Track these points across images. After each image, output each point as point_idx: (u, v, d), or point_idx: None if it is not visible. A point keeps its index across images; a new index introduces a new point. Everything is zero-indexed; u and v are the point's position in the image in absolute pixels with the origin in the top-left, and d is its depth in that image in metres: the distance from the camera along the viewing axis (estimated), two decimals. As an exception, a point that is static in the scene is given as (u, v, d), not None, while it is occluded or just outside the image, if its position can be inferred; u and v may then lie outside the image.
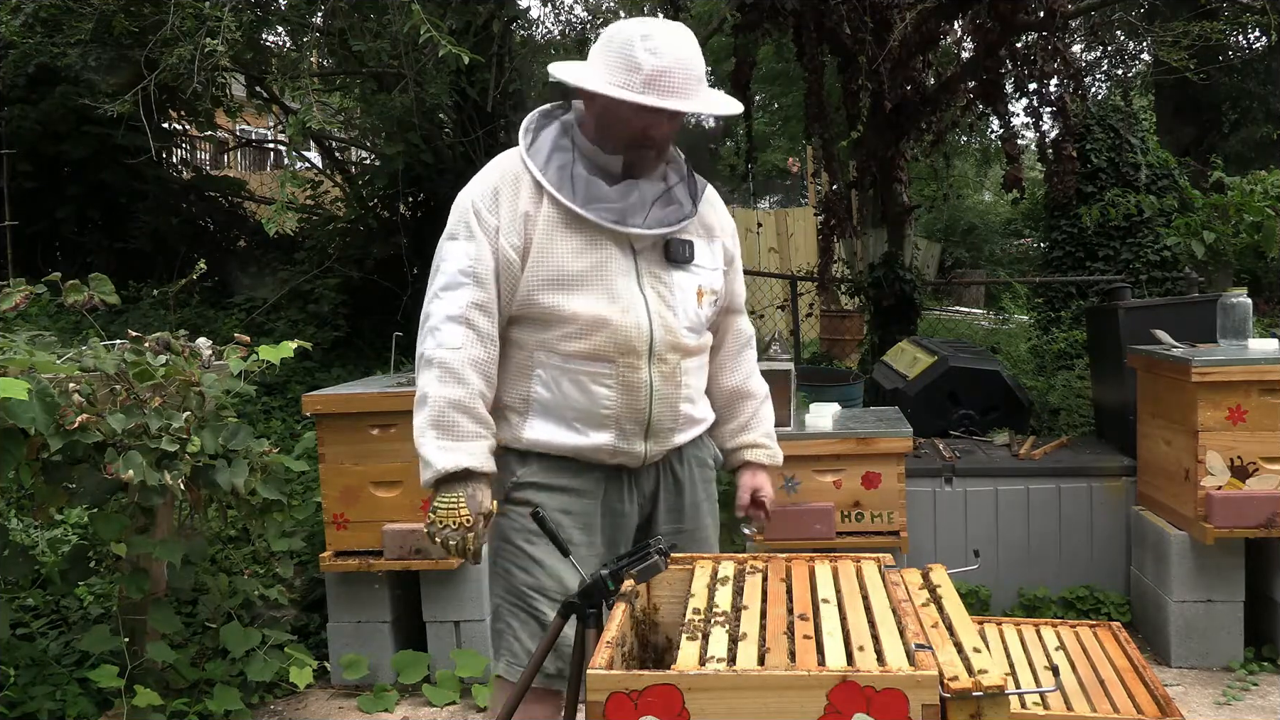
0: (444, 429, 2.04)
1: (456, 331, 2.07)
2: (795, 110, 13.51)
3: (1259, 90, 12.64)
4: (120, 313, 6.42)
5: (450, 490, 2.04)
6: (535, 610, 2.13)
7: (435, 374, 2.06)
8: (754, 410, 2.38)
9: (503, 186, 2.12)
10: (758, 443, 2.38)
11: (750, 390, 2.38)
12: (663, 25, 2.07)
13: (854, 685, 1.41)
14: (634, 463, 2.18)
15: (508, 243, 2.08)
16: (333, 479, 3.64)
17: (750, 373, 2.40)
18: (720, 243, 2.28)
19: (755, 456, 2.37)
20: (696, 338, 2.21)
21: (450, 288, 2.09)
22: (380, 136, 6.85)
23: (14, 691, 3.28)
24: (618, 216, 2.09)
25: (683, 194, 2.19)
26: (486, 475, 2.07)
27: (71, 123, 7.64)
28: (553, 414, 2.13)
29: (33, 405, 2.77)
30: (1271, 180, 6.19)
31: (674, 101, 2.02)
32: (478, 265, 2.08)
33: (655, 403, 2.13)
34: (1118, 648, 2.87)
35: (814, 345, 9.33)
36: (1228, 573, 3.69)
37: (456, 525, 2.02)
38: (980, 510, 4.17)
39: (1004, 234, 17.94)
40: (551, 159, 2.13)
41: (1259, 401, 3.58)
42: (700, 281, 2.20)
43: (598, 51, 2.11)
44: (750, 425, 2.38)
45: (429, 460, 2.04)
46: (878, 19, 5.88)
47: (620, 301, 2.10)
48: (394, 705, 3.61)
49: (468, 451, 2.03)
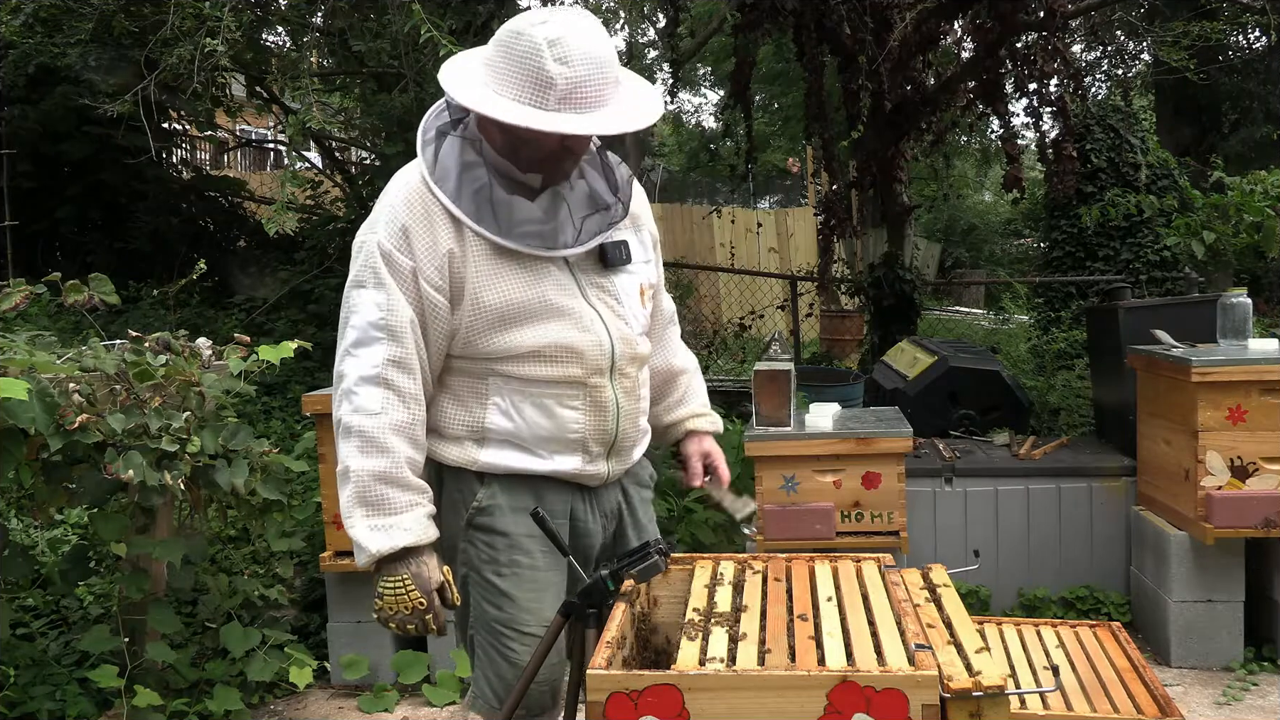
0: (373, 506, 1.86)
1: (374, 395, 1.87)
2: (795, 110, 13.50)
3: (1259, 90, 12.63)
4: (120, 313, 6.42)
5: (393, 573, 1.87)
6: (505, 649, 2.00)
7: (355, 445, 1.88)
8: (686, 384, 2.28)
9: (412, 223, 1.89)
10: (696, 412, 2.27)
11: (680, 366, 2.28)
12: (568, 23, 1.84)
13: (854, 685, 1.41)
14: (595, 483, 2.06)
15: (430, 286, 1.88)
16: (333, 479, 3.61)
17: (675, 348, 2.29)
18: (646, 230, 2.13)
19: (697, 425, 2.26)
20: (647, 343, 2.11)
21: (362, 344, 1.89)
22: (380, 136, 6.85)
23: (14, 691, 3.28)
24: (548, 240, 1.93)
25: (605, 192, 2.02)
26: (429, 545, 1.90)
27: (71, 123, 7.65)
28: (512, 442, 1.98)
29: (33, 405, 2.77)
30: (1271, 180, 6.18)
31: (594, 119, 1.84)
32: (390, 317, 1.87)
33: (621, 420, 2.02)
34: (1118, 648, 2.87)
35: (814, 345, 9.34)
36: (1228, 573, 3.69)
37: (410, 610, 1.86)
38: (980, 510, 4.17)
39: (1004, 234, 17.96)
40: (463, 184, 1.90)
41: (1259, 401, 3.58)
42: (640, 280, 2.07)
43: (497, 58, 1.86)
44: (686, 399, 2.28)
45: (361, 544, 1.86)
46: (878, 19, 5.89)
47: (575, 322, 1.95)
48: (394, 705, 3.62)
49: (403, 528, 1.86)
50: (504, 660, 2.01)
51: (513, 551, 2.00)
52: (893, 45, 5.86)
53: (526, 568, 2.01)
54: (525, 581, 2.00)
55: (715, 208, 11.71)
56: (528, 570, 2.01)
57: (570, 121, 1.82)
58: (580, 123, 1.83)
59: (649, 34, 8.47)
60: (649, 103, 1.93)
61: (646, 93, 1.96)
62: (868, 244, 7.04)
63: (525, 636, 2.00)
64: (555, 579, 2.04)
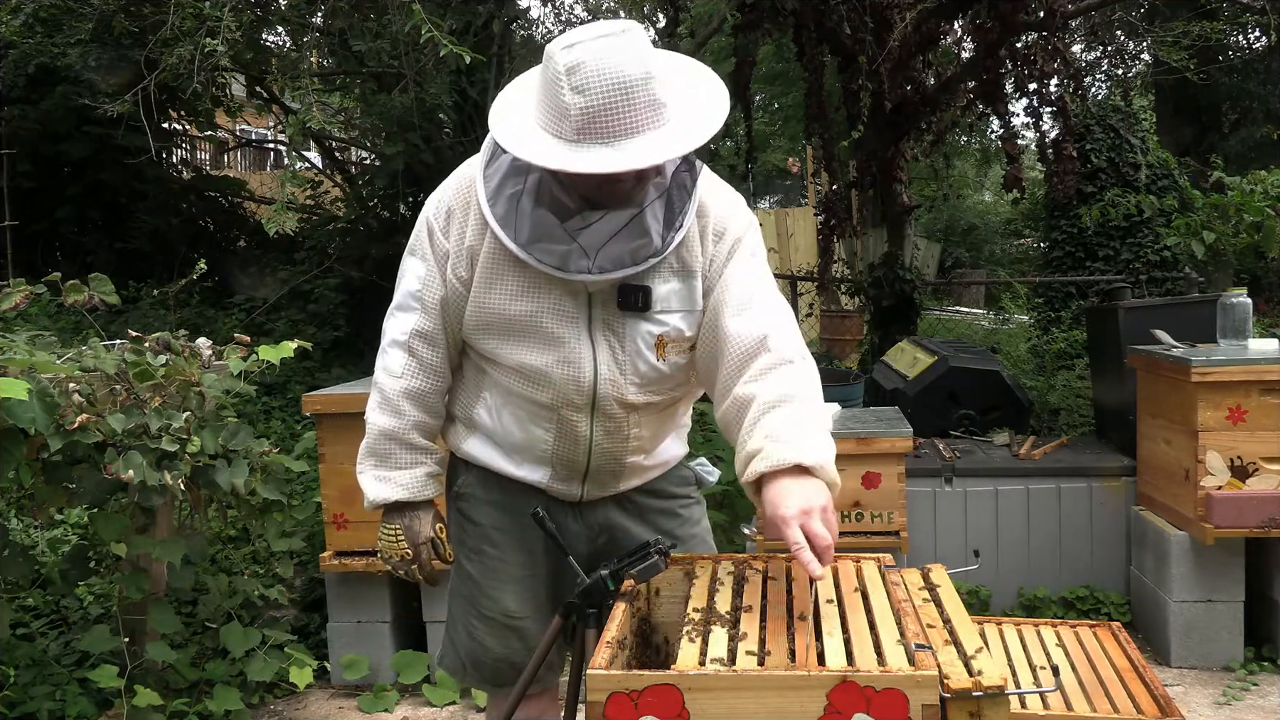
0: (380, 457, 2.01)
1: (398, 359, 1.99)
2: (795, 110, 13.51)
3: (1259, 90, 12.64)
4: (120, 313, 6.43)
5: (390, 520, 2.03)
6: (469, 624, 2.10)
7: (376, 400, 2.02)
8: (753, 416, 1.74)
9: (456, 209, 1.91)
10: (757, 449, 1.69)
11: (748, 395, 1.77)
12: (592, 45, 1.67)
13: (854, 685, 1.41)
14: (568, 499, 2.02)
15: (454, 274, 1.91)
16: (333, 479, 3.64)
17: (751, 379, 1.80)
18: (699, 278, 1.86)
19: (756, 467, 1.68)
20: (650, 393, 1.93)
21: (402, 309, 1.98)
22: (380, 136, 6.86)
23: (14, 691, 3.28)
24: (560, 261, 1.80)
25: (654, 223, 1.81)
26: (425, 503, 2.03)
27: (71, 123, 7.65)
28: (490, 440, 2.02)
29: (33, 405, 2.77)
30: (1271, 180, 6.18)
31: (608, 155, 1.66)
32: (425, 290, 1.94)
33: (595, 454, 1.96)
34: (1118, 648, 2.87)
35: (814, 345, 9.34)
36: (1228, 573, 3.69)
37: (399, 557, 2.03)
38: (980, 510, 4.17)
39: (1004, 234, 17.96)
40: (504, 186, 1.85)
41: (1259, 401, 3.58)
42: (663, 330, 1.87)
43: (538, 78, 1.77)
44: (749, 434, 1.73)
45: (365, 490, 2.02)
46: (878, 19, 5.89)
47: (559, 352, 1.86)
48: (394, 705, 3.62)
49: (400, 484, 2.00)
50: (468, 635, 2.10)
51: (481, 541, 2.09)
52: (893, 45, 5.86)
53: (492, 558, 2.08)
54: (489, 571, 2.08)
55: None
56: (494, 561, 2.08)
57: (580, 160, 1.67)
58: (588, 161, 1.67)
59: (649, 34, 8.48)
60: (692, 127, 1.73)
61: (694, 115, 1.75)
62: (868, 244, 7.05)
63: (487, 620, 2.08)
64: (523, 574, 2.08)
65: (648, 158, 1.68)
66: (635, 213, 1.80)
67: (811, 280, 8.51)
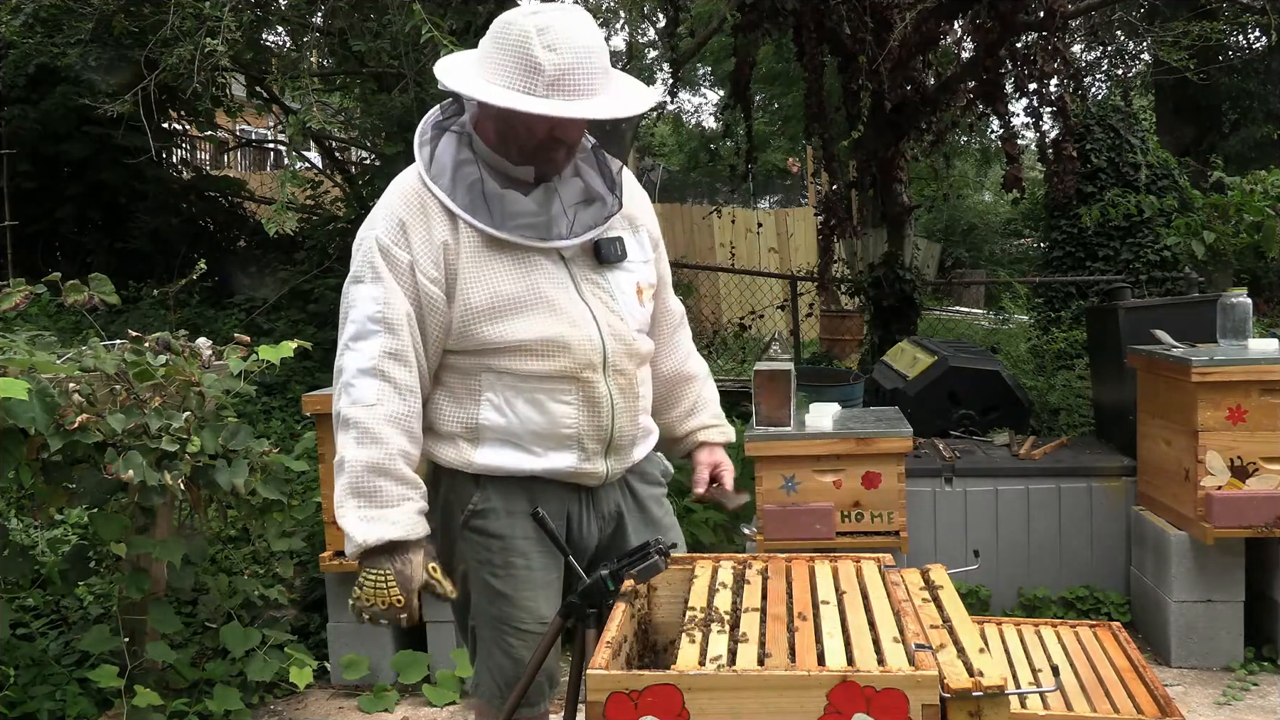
0: (365, 496, 1.87)
1: (370, 387, 1.89)
2: (795, 110, 13.51)
3: (1259, 90, 12.64)
4: (120, 313, 6.43)
5: (377, 565, 1.87)
6: (505, 644, 2.05)
7: (351, 436, 1.89)
8: (698, 393, 2.27)
9: (409, 217, 1.92)
10: (708, 423, 2.27)
11: (690, 372, 2.27)
12: (558, 13, 1.87)
13: (854, 685, 1.41)
14: (593, 482, 2.04)
15: (426, 278, 1.90)
16: (333, 479, 3.62)
17: (688, 353, 2.28)
18: (644, 230, 2.12)
19: (709, 436, 2.27)
20: (647, 341, 2.09)
21: (360, 337, 1.91)
22: (380, 136, 6.85)
23: (14, 691, 3.28)
24: (541, 232, 1.94)
25: (600, 187, 2.02)
26: (416, 542, 1.90)
27: (71, 123, 7.65)
28: (506, 439, 1.98)
29: (33, 405, 2.77)
30: (1271, 180, 6.18)
31: (583, 105, 1.85)
32: (387, 310, 1.89)
33: (617, 416, 2.00)
34: (1118, 648, 2.87)
35: (814, 345, 9.34)
36: (1228, 573, 3.69)
37: (386, 605, 1.87)
38: (980, 510, 4.17)
39: (1004, 234, 17.97)
40: (458, 178, 1.93)
41: (1259, 401, 3.58)
42: (637, 278, 2.06)
43: (490, 48, 1.90)
44: (697, 409, 2.27)
45: (350, 534, 1.87)
46: (878, 19, 5.88)
47: (568, 315, 1.95)
48: (394, 705, 3.62)
49: (391, 521, 1.87)
50: (504, 654, 2.05)
51: (508, 554, 2.03)
52: (893, 45, 5.85)
53: (521, 569, 2.03)
54: (521, 583, 2.03)
55: (715, 208, 11.70)
56: (523, 571, 2.03)
57: (558, 107, 1.84)
58: (567, 108, 1.84)
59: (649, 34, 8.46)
60: (638, 94, 1.95)
61: (636, 86, 1.98)
62: (868, 244, 7.04)
63: (523, 633, 2.04)
64: (550, 578, 2.06)
65: (630, 107, 1.90)
66: (583, 185, 2.00)
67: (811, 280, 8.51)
